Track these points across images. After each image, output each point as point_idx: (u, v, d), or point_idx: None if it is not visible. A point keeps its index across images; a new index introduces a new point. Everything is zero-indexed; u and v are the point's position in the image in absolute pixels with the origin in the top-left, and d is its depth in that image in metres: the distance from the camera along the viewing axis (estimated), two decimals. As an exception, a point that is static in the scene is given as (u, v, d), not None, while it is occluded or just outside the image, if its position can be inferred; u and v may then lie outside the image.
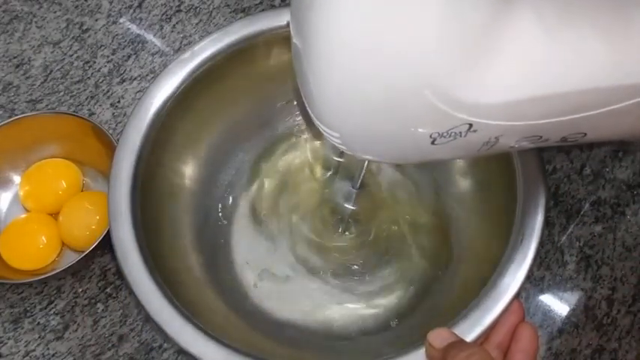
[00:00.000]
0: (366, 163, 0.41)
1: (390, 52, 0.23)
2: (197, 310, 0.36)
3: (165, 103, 0.40)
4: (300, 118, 0.48)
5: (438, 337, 0.32)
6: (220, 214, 0.46)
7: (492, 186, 0.42)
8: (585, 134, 0.28)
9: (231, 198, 0.47)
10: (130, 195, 0.37)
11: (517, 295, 0.34)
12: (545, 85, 0.25)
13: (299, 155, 0.48)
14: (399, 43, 0.23)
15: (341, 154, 0.46)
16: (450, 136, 0.26)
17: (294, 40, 0.27)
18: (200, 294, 0.41)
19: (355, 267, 0.45)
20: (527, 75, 0.25)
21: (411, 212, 0.46)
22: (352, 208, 0.46)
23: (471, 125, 0.26)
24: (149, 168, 0.39)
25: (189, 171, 0.45)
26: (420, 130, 0.26)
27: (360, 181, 0.44)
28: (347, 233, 0.46)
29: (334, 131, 0.28)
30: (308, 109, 0.28)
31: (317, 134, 0.48)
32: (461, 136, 0.26)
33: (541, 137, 0.28)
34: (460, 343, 0.31)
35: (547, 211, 0.36)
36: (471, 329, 0.33)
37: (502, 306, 0.33)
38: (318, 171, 0.48)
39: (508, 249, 0.35)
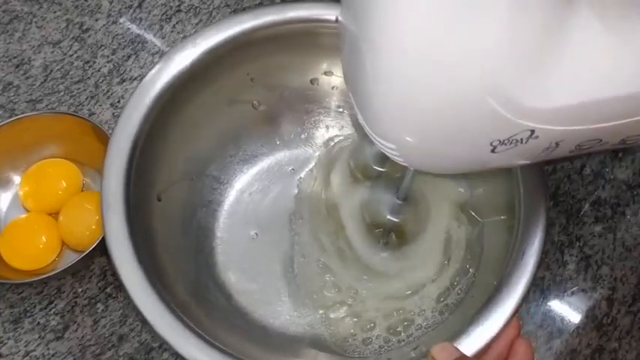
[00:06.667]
0: (412, 172, 0.38)
1: (455, 59, 0.23)
2: (192, 312, 0.36)
3: (160, 96, 0.39)
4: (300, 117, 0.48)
5: (442, 351, 0.32)
6: (218, 213, 0.46)
7: (492, 192, 0.42)
8: None
9: (232, 197, 0.46)
10: (123, 193, 0.37)
11: (517, 311, 0.34)
12: (610, 85, 0.24)
13: (309, 158, 0.46)
14: (463, 50, 0.22)
15: (383, 163, 0.44)
16: (511, 143, 0.26)
17: (357, 39, 0.25)
18: (196, 295, 0.41)
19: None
20: (591, 76, 0.24)
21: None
22: (395, 220, 0.43)
23: (532, 131, 0.25)
24: (143, 164, 0.39)
25: (189, 170, 0.44)
26: (481, 138, 0.25)
27: (405, 192, 0.41)
28: (387, 249, 0.43)
29: (391, 142, 0.27)
30: (361, 119, 0.27)
31: (362, 136, 0.43)
32: (522, 142, 0.26)
33: (601, 140, 0.27)
34: (464, 358, 0.31)
35: (547, 210, 0.36)
36: (472, 345, 0.34)
37: (502, 322, 0.34)
38: (339, 177, 0.44)
39: (508, 265, 0.36)
